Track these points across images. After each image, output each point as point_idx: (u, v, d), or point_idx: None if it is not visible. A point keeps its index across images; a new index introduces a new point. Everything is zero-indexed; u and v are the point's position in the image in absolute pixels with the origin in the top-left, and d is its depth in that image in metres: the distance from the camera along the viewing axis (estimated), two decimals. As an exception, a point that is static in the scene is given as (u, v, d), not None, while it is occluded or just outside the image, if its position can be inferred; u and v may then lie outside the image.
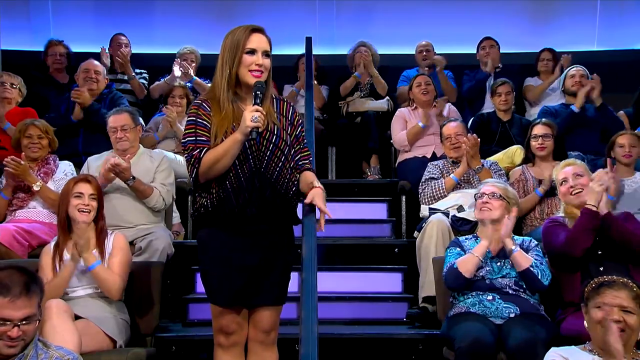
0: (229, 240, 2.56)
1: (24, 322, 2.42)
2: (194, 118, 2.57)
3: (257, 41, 2.55)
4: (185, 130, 2.61)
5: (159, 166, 4.02)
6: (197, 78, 5.73)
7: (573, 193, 3.41)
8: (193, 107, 2.62)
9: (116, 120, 4.02)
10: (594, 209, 3.18)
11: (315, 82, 5.57)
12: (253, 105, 2.45)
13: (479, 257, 3.17)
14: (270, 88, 2.64)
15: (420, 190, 4.25)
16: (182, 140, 2.60)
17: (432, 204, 4.15)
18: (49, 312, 2.85)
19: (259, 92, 2.49)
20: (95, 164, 4.03)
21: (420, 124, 4.95)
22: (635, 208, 3.87)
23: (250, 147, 2.52)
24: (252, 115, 2.40)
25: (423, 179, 4.28)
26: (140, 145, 4.14)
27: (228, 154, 2.46)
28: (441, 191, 4.15)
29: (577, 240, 3.16)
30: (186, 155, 2.55)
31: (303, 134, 2.71)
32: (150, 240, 3.72)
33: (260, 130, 2.43)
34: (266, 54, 2.56)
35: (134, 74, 5.78)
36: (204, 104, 2.60)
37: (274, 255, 2.58)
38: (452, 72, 6.01)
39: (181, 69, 5.61)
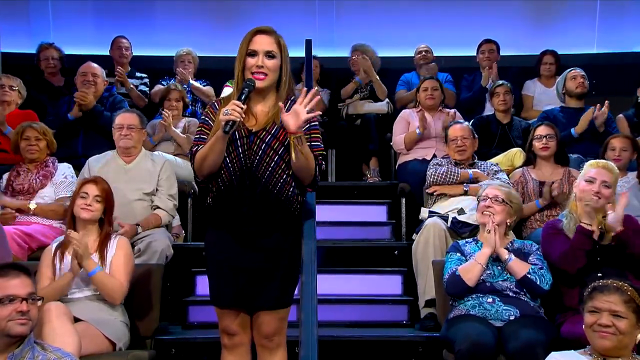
0: (228, 241, 2.58)
1: (29, 298, 2.52)
2: (204, 117, 2.66)
3: (258, 42, 2.55)
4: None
5: (162, 172, 3.99)
6: (194, 82, 5.72)
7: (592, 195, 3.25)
8: (207, 108, 2.71)
9: (125, 118, 4.04)
10: (589, 228, 3.14)
11: (317, 88, 5.56)
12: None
13: (482, 265, 3.17)
14: (285, 88, 2.60)
15: (432, 171, 4.25)
16: None
17: (441, 183, 4.17)
18: (49, 314, 2.84)
19: (245, 89, 2.50)
20: (96, 164, 4.01)
21: (417, 132, 4.94)
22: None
23: (242, 146, 2.54)
24: (224, 109, 2.43)
25: (431, 165, 4.33)
26: (142, 148, 4.14)
27: (213, 150, 2.49)
28: (455, 176, 4.17)
29: (571, 259, 3.14)
30: (188, 153, 2.60)
31: (314, 127, 2.62)
32: (149, 242, 3.71)
33: (233, 124, 2.41)
34: (270, 54, 2.55)
35: (134, 79, 5.78)
36: (215, 103, 2.67)
37: (276, 258, 2.56)
38: (451, 75, 6.01)
39: (177, 74, 5.61)
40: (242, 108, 2.43)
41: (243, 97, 2.48)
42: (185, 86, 5.58)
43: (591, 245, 3.14)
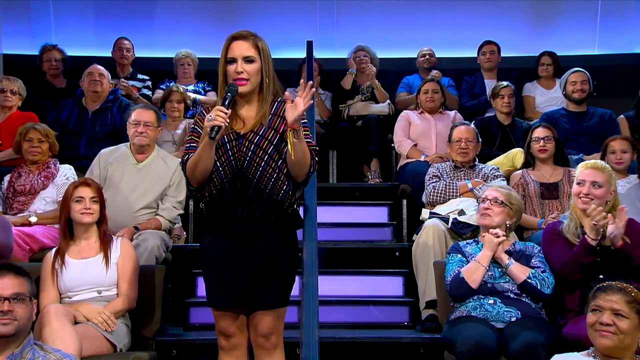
0: (222, 243, 2.59)
1: (13, 298, 2.52)
2: (194, 126, 2.68)
3: (236, 49, 2.58)
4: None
5: (174, 176, 3.93)
6: (200, 97, 5.72)
7: (581, 198, 3.24)
8: (196, 117, 2.72)
9: (142, 114, 3.94)
10: (593, 243, 3.06)
11: (318, 94, 5.57)
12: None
13: (485, 266, 3.17)
14: (269, 90, 2.62)
15: (431, 189, 4.22)
16: None
17: (439, 202, 4.15)
18: (48, 316, 2.85)
19: (228, 94, 2.52)
20: (108, 158, 3.95)
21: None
22: (628, 207, 3.80)
23: (231, 149, 2.57)
24: (209, 115, 2.45)
25: (428, 177, 4.29)
26: (156, 146, 4.06)
27: (202, 156, 2.51)
28: (454, 192, 4.14)
29: (570, 269, 3.11)
30: (180, 162, 2.65)
31: (303, 124, 2.59)
32: (139, 241, 3.66)
33: (218, 129, 2.43)
34: (248, 59, 2.57)
35: (136, 81, 5.78)
36: (204, 111, 2.67)
37: (273, 259, 2.56)
38: (452, 78, 6.01)
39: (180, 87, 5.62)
40: (226, 113, 2.45)
41: (227, 102, 2.50)
42: (191, 103, 5.54)
43: (592, 259, 3.08)
